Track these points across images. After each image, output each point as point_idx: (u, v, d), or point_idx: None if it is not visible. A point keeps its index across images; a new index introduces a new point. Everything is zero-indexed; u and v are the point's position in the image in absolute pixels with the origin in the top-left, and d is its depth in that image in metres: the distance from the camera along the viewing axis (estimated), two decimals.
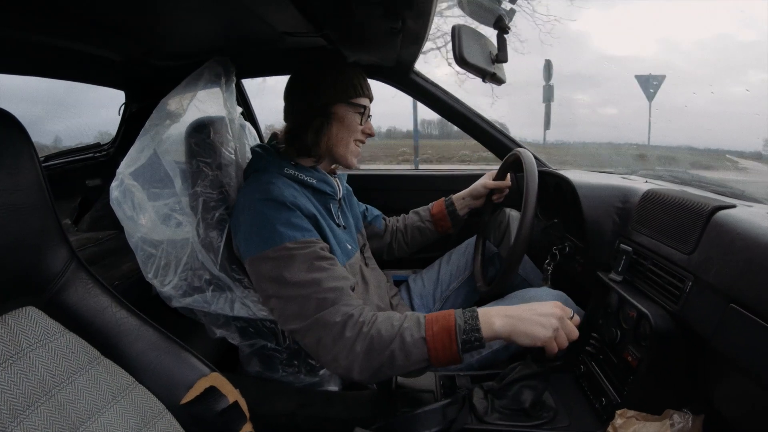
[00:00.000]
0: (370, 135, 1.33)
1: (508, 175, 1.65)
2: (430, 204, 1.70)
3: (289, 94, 1.29)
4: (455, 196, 1.68)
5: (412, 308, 1.59)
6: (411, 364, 0.97)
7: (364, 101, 1.29)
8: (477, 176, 1.70)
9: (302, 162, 1.26)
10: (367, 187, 1.97)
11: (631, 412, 0.94)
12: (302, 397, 1.17)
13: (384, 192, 2.13)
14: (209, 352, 1.47)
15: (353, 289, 1.13)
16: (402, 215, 1.72)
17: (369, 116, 1.33)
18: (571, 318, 0.99)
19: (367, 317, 1.01)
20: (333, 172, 1.38)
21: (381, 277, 1.49)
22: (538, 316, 0.96)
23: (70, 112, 2.13)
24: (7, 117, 0.65)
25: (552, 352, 0.95)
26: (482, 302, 1.31)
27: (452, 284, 1.62)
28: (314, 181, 1.24)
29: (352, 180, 1.58)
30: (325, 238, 1.17)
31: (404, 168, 2.64)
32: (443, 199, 1.69)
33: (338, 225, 1.30)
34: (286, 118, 1.31)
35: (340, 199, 1.35)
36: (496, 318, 0.97)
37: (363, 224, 1.56)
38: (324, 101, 1.23)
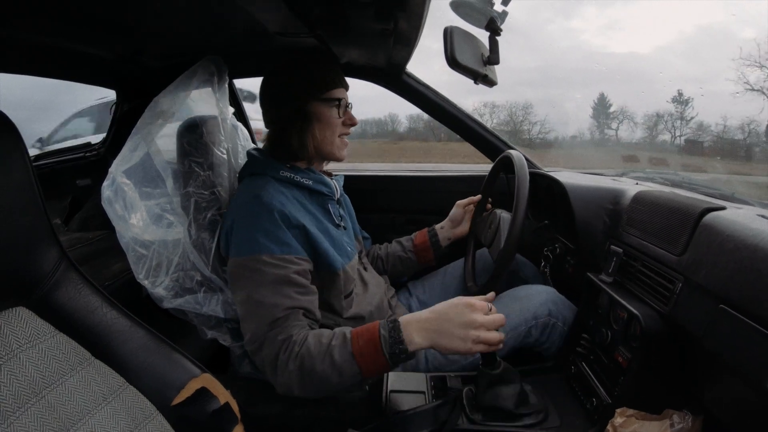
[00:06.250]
0: (353, 125, 1.31)
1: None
2: (413, 234, 1.67)
3: (263, 100, 1.28)
4: (437, 226, 1.66)
5: (411, 312, 1.56)
6: (345, 380, 1.00)
7: (337, 93, 1.26)
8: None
9: (296, 164, 1.26)
10: (365, 188, 1.96)
11: (630, 411, 0.93)
12: (294, 398, 1.17)
13: (383, 193, 2.11)
14: (200, 353, 1.46)
15: (315, 320, 1.12)
16: (385, 243, 1.68)
17: (348, 105, 1.31)
18: (490, 310, 1.00)
19: (299, 337, 1.03)
20: (329, 174, 1.36)
21: (379, 278, 1.49)
22: (455, 327, 0.97)
23: None
24: None
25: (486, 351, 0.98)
26: None
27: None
28: (310, 183, 1.24)
29: (351, 182, 1.56)
30: (315, 247, 1.16)
31: (403, 169, 2.58)
32: (426, 229, 1.66)
33: (338, 225, 1.30)
34: (266, 125, 1.30)
35: (338, 199, 1.35)
36: (416, 334, 0.99)
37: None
38: (298, 103, 1.22)
